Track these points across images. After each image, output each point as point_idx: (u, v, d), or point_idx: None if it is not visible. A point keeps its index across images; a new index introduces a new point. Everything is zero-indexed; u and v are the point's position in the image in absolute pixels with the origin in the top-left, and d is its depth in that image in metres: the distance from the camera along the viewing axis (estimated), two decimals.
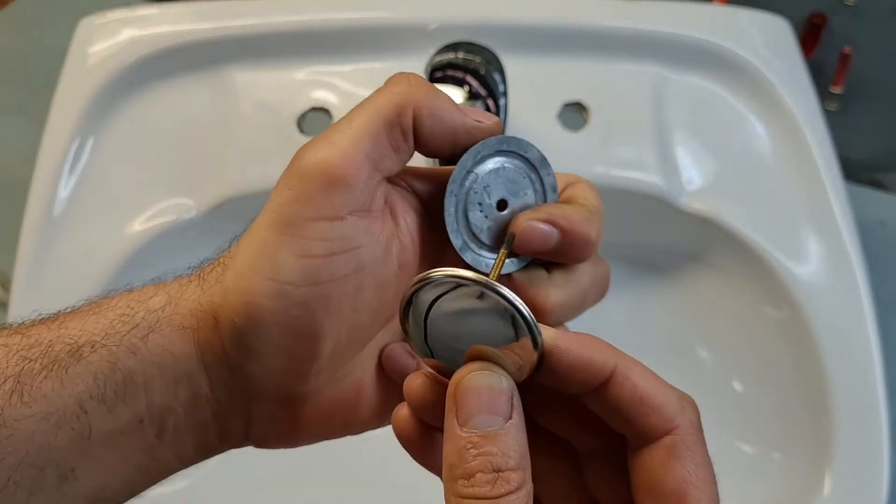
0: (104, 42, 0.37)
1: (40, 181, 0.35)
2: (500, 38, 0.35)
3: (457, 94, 0.31)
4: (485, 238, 0.18)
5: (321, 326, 0.16)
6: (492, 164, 0.17)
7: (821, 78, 0.48)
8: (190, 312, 0.16)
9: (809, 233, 0.35)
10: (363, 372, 0.18)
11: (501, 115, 0.31)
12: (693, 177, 0.37)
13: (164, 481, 0.36)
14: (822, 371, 0.33)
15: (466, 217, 0.17)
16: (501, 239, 0.18)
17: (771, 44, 0.39)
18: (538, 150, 0.18)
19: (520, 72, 0.34)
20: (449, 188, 0.17)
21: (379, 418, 0.19)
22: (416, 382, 0.16)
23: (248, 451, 0.38)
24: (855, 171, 0.47)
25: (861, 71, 0.48)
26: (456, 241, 0.17)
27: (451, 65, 0.31)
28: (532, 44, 0.38)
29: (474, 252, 0.17)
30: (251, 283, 0.16)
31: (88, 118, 0.36)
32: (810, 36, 0.48)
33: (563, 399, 0.16)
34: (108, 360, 0.16)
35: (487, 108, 0.31)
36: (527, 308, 0.15)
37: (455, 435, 0.14)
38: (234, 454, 0.37)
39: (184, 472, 0.35)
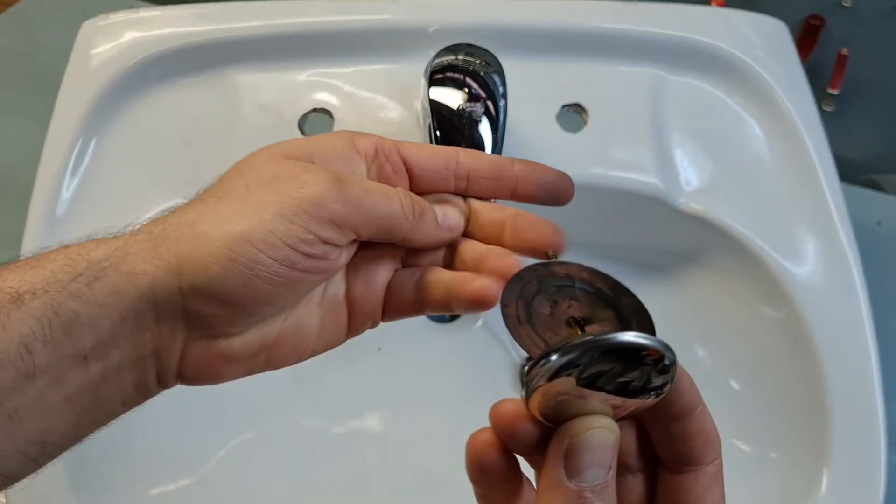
0: (107, 44, 0.38)
1: (43, 182, 0.35)
2: (500, 40, 0.36)
3: (457, 97, 0.31)
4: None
5: (279, 297, 0.18)
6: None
7: (818, 79, 0.48)
8: (143, 259, 0.17)
9: (806, 233, 0.36)
10: (302, 318, 0.20)
11: (501, 116, 0.31)
12: (691, 178, 0.37)
13: (164, 480, 0.36)
14: (819, 370, 0.33)
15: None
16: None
17: (768, 46, 0.39)
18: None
19: (519, 74, 0.35)
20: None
21: (300, 354, 0.21)
22: (509, 412, 0.16)
23: (249, 451, 0.39)
24: (851, 171, 0.47)
25: (858, 72, 0.49)
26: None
27: (451, 67, 0.32)
28: (531, 46, 0.38)
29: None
30: (238, 244, 0.17)
31: (91, 119, 0.36)
32: (808, 37, 0.49)
33: (627, 430, 0.18)
34: (51, 305, 0.16)
35: (487, 110, 0.31)
36: (673, 363, 0.15)
37: (563, 486, 0.15)
38: (235, 453, 0.37)
39: (185, 471, 0.35)
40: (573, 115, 0.38)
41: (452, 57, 0.32)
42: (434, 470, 0.36)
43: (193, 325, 0.18)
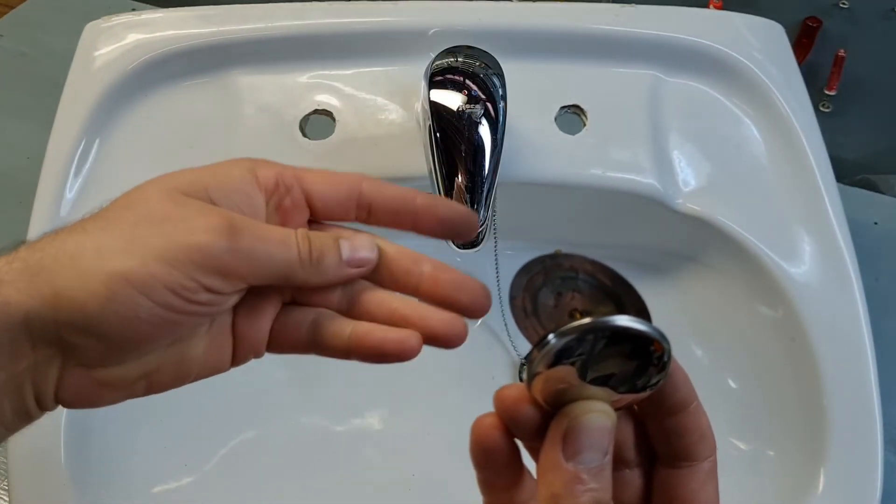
0: (110, 46, 0.38)
1: (47, 183, 0.35)
2: (500, 42, 0.36)
3: (457, 98, 0.31)
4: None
5: (159, 336, 0.18)
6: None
7: (815, 80, 0.49)
8: (17, 290, 0.17)
9: (803, 233, 0.36)
10: (185, 347, 0.20)
11: (500, 118, 0.32)
12: (688, 178, 0.37)
13: (166, 478, 0.37)
14: (815, 369, 0.33)
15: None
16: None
17: (765, 48, 0.39)
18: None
19: (519, 76, 0.35)
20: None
21: (181, 380, 0.20)
22: (513, 396, 0.17)
23: (250, 450, 0.39)
24: (848, 172, 0.47)
25: (855, 73, 0.49)
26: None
27: (450, 69, 0.32)
28: (531, 48, 0.38)
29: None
30: (118, 284, 0.17)
31: (94, 121, 0.36)
32: (805, 39, 0.49)
33: (625, 423, 0.18)
34: None
35: (487, 112, 0.31)
36: (669, 352, 0.15)
37: (561, 467, 0.15)
38: (236, 452, 0.38)
39: (186, 469, 0.36)
40: (572, 116, 0.38)
41: (452, 59, 0.32)
42: (434, 468, 0.36)
43: (69, 355, 0.18)
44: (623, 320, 0.15)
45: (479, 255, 0.34)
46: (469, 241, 0.32)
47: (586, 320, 0.15)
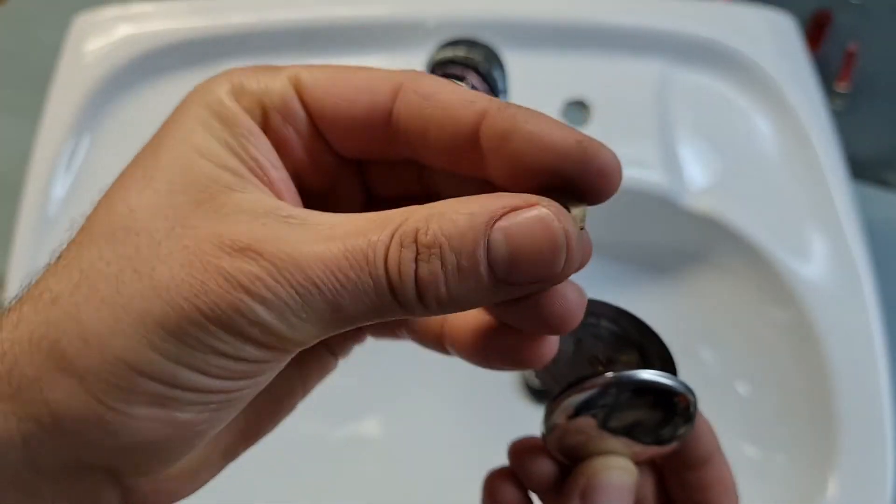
0: (99, 39, 0.37)
1: (34, 180, 0.35)
2: (502, 34, 0.35)
3: None
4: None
5: (215, 420, 0.12)
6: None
7: (826, 76, 0.48)
8: (4, 416, 0.11)
9: (814, 232, 0.35)
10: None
11: None
12: (696, 175, 0.37)
13: None
14: (826, 372, 0.33)
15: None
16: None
17: (776, 41, 0.38)
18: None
19: (521, 69, 0.34)
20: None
21: (278, 420, 0.16)
22: (527, 448, 0.16)
23: (247, 454, 0.38)
24: (861, 169, 0.46)
25: (867, 68, 0.48)
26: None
27: (451, 61, 0.31)
28: (533, 40, 0.38)
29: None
30: (125, 380, 0.11)
31: (83, 116, 0.36)
32: (815, 33, 0.48)
33: (646, 478, 0.17)
34: None
35: None
36: (695, 407, 0.15)
37: None
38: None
39: None
40: (577, 110, 0.37)
41: (453, 51, 0.31)
42: (433, 473, 0.36)
43: (119, 473, 0.12)
44: (647, 374, 0.15)
45: None
46: None
47: (609, 375, 0.14)
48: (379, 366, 0.39)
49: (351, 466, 0.36)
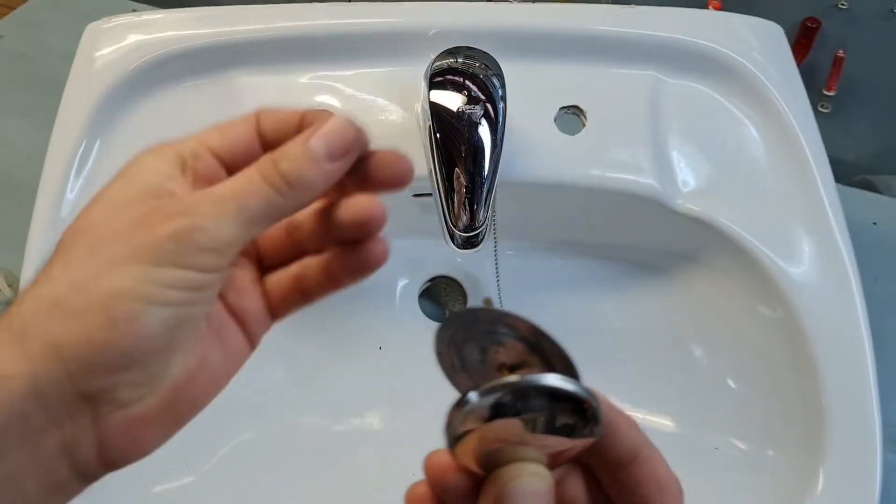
0: (110, 46, 0.38)
1: (48, 183, 0.35)
2: (499, 43, 0.36)
3: (457, 99, 0.31)
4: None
5: (174, 341, 0.17)
6: None
7: (814, 81, 0.49)
8: (11, 360, 0.15)
9: (802, 234, 0.36)
10: (199, 348, 0.18)
11: (500, 119, 0.32)
12: (688, 179, 0.37)
13: (166, 478, 0.37)
14: (815, 369, 0.33)
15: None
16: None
17: (764, 48, 0.39)
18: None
19: (518, 77, 0.35)
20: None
21: (217, 382, 0.19)
22: (441, 464, 0.16)
23: (250, 450, 0.39)
24: (847, 172, 0.47)
25: (854, 74, 0.49)
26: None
27: (450, 70, 0.32)
28: (530, 49, 0.38)
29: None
30: (111, 304, 0.16)
31: (95, 121, 0.36)
32: (804, 39, 0.49)
33: (574, 479, 0.17)
34: None
35: (486, 112, 0.31)
36: (596, 404, 0.15)
37: None
38: (236, 452, 0.38)
39: (186, 469, 0.36)
40: (571, 117, 0.38)
41: (452, 60, 0.32)
42: None
43: (97, 405, 0.16)
44: (551, 379, 0.14)
45: (480, 255, 0.34)
46: (469, 241, 0.32)
47: (513, 378, 0.15)
48: (380, 361, 0.40)
49: (353, 459, 0.37)
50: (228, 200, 0.17)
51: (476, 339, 0.16)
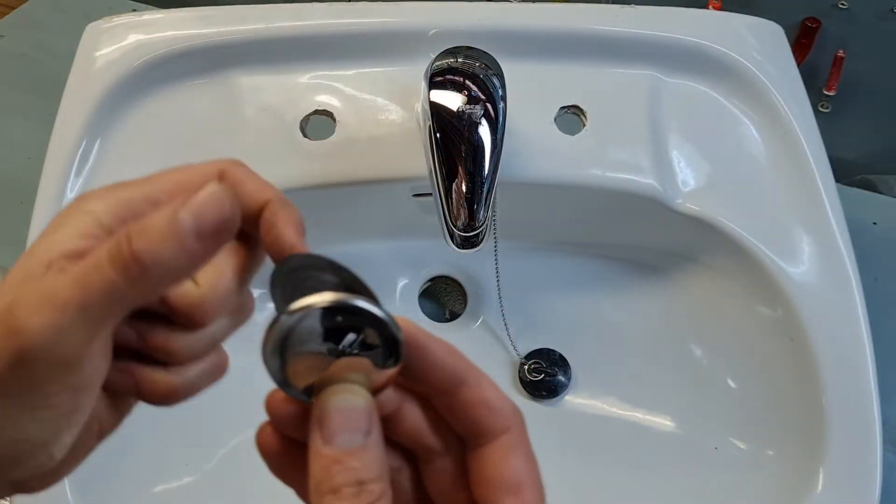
0: (111, 46, 0.38)
1: (48, 182, 0.35)
2: (500, 43, 0.36)
3: (457, 99, 0.31)
4: None
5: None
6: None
7: (814, 81, 0.49)
8: None
9: (802, 233, 0.36)
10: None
11: (500, 118, 0.32)
12: (688, 179, 0.37)
13: (167, 478, 0.36)
14: (815, 369, 0.33)
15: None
16: None
17: (764, 48, 0.39)
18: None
19: (518, 76, 0.35)
20: None
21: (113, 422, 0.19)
22: (277, 398, 0.17)
23: (251, 449, 0.39)
24: (847, 172, 0.47)
25: (854, 74, 0.49)
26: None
27: (450, 69, 0.32)
28: (530, 49, 0.38)
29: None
30: None
31: (95, 121, 0.36)
32: (804, 39, 0.49)
33: (410, 409, 0.17)
34: None
35: (487, 112, 0.31)
36: (393, 323, 0.16)
37: (320, 453, 0.15)
38: (237, 451, 0.38)
39: (187, 468, 0.36)
40: (572, 116, 0.38)
41: (452, 59, 0.32)
42: None
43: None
44: (345, 298, 0.15)
45: (479, 255, 0.34)
46: (469, 241, 0.32)
47: (312, 299, 0.15)
48: None
49: None
50: (69, 301, 0.14)
51: (289, 285, 0.16)
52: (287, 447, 0.17)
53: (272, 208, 0.17)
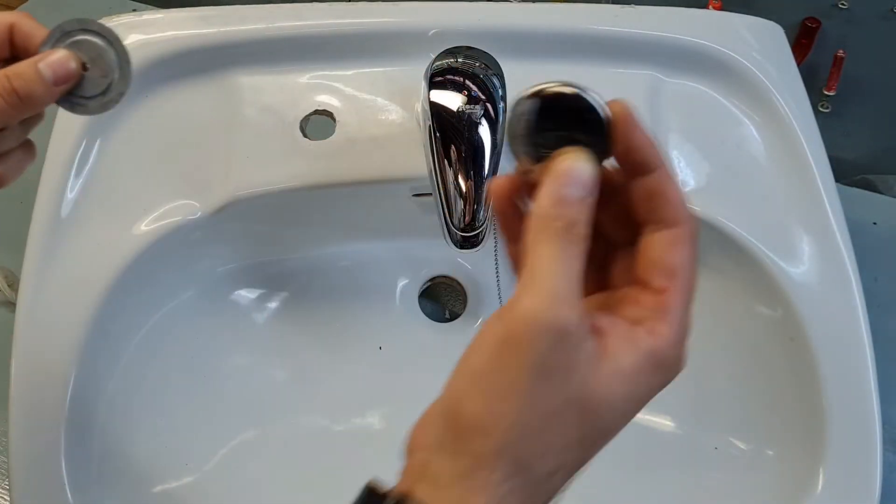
0: None
1: (48, 182, 0.35)
2: (499, 43, 0.36)
3: (457, 99, 0.31)
4: None
5: None
6: None
7: (815, 81, 0.49)
8: None
9: (802, 233, 0.36)
10: None
11: (500, 118, 0.32)
12: (688, 178, 0.38)
13: (167, 478, 0.37)
14: (815, 369, 0.33)
15: None
16: None
17: (764, 48, 0.39)
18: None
19: (518, 76, 0.35)
20: None
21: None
22: (498, 180, 0.21)
23: (251, 449, 0.39)
24: (847, 172, 0.47)
25: (854, 74, 0.49)
26: None
27: (450, 69, 0.32)
28: (530, 49, 0.39)
29: None
30: None
31: (95, 121, 0.36)
32: (804, 39, 0.49)
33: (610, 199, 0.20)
34: None
35: (486, 112, 0.31)
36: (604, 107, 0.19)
37: (552, 193, 0.19)
38: (237, 451, 0.37)
39: (187, 468, 0.36)
40: None
41: (452, 59, 0.32)
42: None
43: None
44: (589, 92, 0.19)
45: (479, 255, 0.34)
46: (469, 241, 0.32)
47: (554, 85, 0.19)
48: (380, 361, 0.40)
49: (353, 459, 0.37)
50: None
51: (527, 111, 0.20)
52: (512, 206, 0.20)
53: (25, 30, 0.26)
